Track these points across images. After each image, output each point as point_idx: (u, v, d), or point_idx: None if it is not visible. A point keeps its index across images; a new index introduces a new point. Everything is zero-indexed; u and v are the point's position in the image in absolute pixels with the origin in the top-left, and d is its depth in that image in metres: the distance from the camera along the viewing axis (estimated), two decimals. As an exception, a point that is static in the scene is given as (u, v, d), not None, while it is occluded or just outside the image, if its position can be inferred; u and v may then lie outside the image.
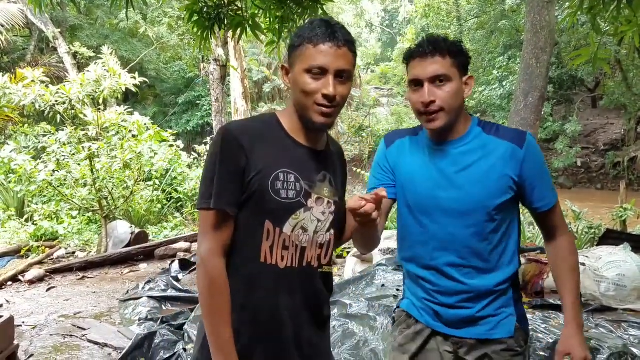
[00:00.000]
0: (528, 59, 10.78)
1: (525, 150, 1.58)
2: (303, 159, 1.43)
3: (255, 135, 1.38)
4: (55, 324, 4.41)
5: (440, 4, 24.06)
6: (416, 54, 1.57)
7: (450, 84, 1.54)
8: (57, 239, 7.66)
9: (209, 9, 4.15)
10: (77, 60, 14.84)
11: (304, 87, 1.35)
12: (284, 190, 1.36)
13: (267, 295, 1.39)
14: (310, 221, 1.41)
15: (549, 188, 1.65)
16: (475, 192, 1.57)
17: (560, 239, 1.68)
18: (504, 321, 1.63)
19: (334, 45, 1.34)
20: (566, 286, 1.64)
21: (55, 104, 6.91)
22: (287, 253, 1.39)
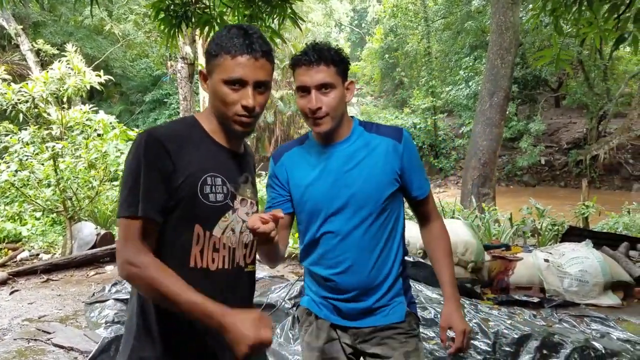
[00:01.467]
0: (493, 59, 10.98)
1: (403, 145, 1.74)
2: (227, 161, 1.44)
3: (181, 140, 1.35)
4: (19, 328, 4.30)
5: (408, 5, 24.31)
6: (303, 62, 1.64)
7: (334, 91, 1.65)
8: (21, 240, 7.47)
9: (175, 7, 4.09)
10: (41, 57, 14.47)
11: (224, 98, 1.36)
12: (213, 194, 1.36)
13: None
14: (237, 222, 1.42)
15: (424, 179, 1.81)
16: (367, 186, 1.69)
17: (434, 224, 1.84)
18: (396, 308, 1.75)
19: (251, 57, 1.34)
20: (443, 265, 1.78)
21: (18, 102, 6.73)
22: (217, 255, 1.38)
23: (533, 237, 6.91)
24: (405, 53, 25.07)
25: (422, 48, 23.67)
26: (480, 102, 11.37)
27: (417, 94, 22.72)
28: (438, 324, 3.22)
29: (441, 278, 1.78)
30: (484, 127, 10.90)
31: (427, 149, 21.44)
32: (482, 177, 10.77)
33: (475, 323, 3.28)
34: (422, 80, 23.06)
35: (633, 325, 4.05)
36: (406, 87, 26.14)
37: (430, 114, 21.78)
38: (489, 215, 7.26)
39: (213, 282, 1.37)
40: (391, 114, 24.21)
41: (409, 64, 25.86)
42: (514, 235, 6.75)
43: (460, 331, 1.70)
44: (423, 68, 23.67)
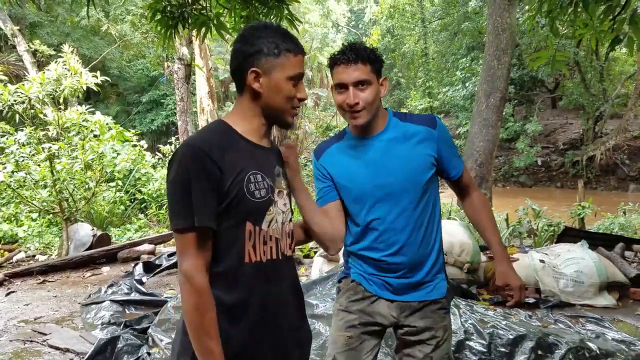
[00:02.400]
0: (490, 60, 10.98)
1: (438, 131, 1.87)
2: (262, 158, 1.53)
3: (221, 145, 1.42)
4: (15, 330, 4.29)
5: (405, 6, 24.34)
6: (341, 61, 1.79)
7: (370, 88, 1.79)
8: (17, 242, 7.45)
9: (172, 8, 4.10)
10: (37, 58, 14.44)
11: (289, 93, 1.50)
12: (257, 191, 1.45)
13: (254, 291, 1.44)
14: (278, 214, 1.52)
15: (458, 157, 1.96)
16: (407, 172, 1.82)
17: (474, 194, 2.00)
18: (439, 284, 1.90)
19: (303, 57, 1.54)
20: (489, 229, 1.94)
21: (14, 103, 6.71)
22: (267, 247, 1.47)
23: (529, 238, 6.92)
24: (402, 54, 25.10)
25: (419, 49, 23.72)
26: (476, 103, 11.37)
27: (414, 95, 22.76)
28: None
29: (491, 241, 1.91)
30: (480, 127, 10.90)
31: (424, 150, 21.50)
32: (479, 178, 10.76)
33: (471, 324, 3.29)
34: (419, 81, 23.11)
35: (628, 326, 4.06)
36: (403, 88, 26.17)
37: (427, 115, 21.81)
38: (485, 216, 7.26)
39: (266, 273, 1.47)
40: (388, 114, 24.25)
41: (406, 65, 25.91)
42: (510, 236, 6.76)
43: (517, 287, 1.84)
44: (420, 69, 23.72)
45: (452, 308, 3.42)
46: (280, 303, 1.52)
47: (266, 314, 1.46)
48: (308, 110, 22.39)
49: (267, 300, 1.47)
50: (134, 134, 9.95)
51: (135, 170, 9.61)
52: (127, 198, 9.42)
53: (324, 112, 23.50)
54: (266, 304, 1.46)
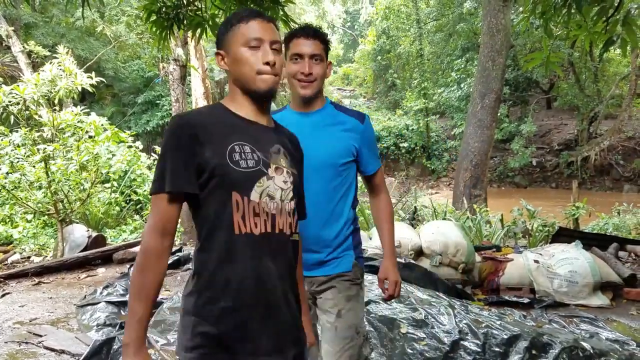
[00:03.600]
0: (484, 61, 11.03)
1: (364, 127, 2.08)
2: (255, 133, 1.51)
3: (206, 120, 1.47)
4: (10, 331, 4.28)
5: (400, 7, 24.38)
6: (301, 34, 1.97)
7: (322, 64, 1.98)
8: (12, 243, 7.43)
9: (167, 9, 4.10)
10: (32, 59, 14.37)
11: (247, 60, 1.47)
12: (243, 161, 1.43)
13: (249, 264, 1.42)
14: (275, 189, 1.47)
15: (376, 157, 2.17)
16: (327, 151, 2.00)
17: (382, 196, 2.20)
18: (345, 259, 2.06)
19: (262, 20, 1.50)
20: (385, 229, 2.16)
21: (9, 104, 6.69)
22: (259, 220, 1.44)
23: (524, 238, 6.96)
24: (397, 55, 25.14)
25: (415, 50, 23.74)
26: (471, 103, 11.42)
27: (410, 96, 22.79)
28: (429, 325, 3.26)
29: (383, 240, 2.16)
30: (475, 128, 10.95)
31: (419, 151, 21.50)
32: (474, 179, 10.82)
33: (466, 324, 3.30)
34: (415, 82, 23.13)
35: (622, 326, 4.09)
36: (399, 89, 26.20)
37: (423, 116, 21.84)
38: (480, 217, 7.30)
39: (260, 246, 1.44)
40: (384, 115, 24.26)
41: (401, 66, 25.95)
42: (505, 237, 6.79)
43: (393, 281, 2.11)
44: (415, 70, 23.74)
45: (447, 308, 3.44)
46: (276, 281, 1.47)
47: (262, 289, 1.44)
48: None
49: (262, 276, 1.44)
50: (129, 135, 9.93)
51: (131, 171, 9.59)
52: (123, 199, 9.40)
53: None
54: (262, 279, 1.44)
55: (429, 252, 4.77)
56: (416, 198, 9.29)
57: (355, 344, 1.99)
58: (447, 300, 3.65)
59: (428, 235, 4.86)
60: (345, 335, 1.97)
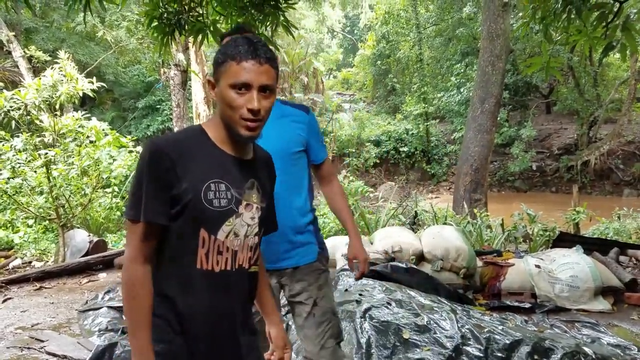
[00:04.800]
0: (484, 66, 11.06)
1: (309, 118, 2.20)
2: (232, 168, 1.50)
3: (184, 149, 1.44)
4: (12, 336, 4.28)
5: (400, 12, 24.44)
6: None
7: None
8: (12, 248, 7.42)
9: (169, 15, 4.12)
10: (33, 64, 14.39)
11: (231, 103, 1.42)
12: (217, 200, 1.43)
13: (203, 299, 1.46)
14: (241, 226, 1.49)
15: (323, 147, 2.28)
16: (281, 142, 2.08)
17: (335, 182, 2.32)
18: (309, 249, 2.17)
19: (256, 62, 1.41)
20: (344, 211, 2.27)
21: (10, 109, 6.72)
22: (221, 258, 1.46)
23: (525, 243, 6.96)
24: (397, 59, 25.19)
25: (414, 55, 23.80)
26: (471, 108, 11.44)
27: (410, 100, 22.83)
28: (431, 330, 3.26)
29: (345, 221, 2.26)
30: (475, 133, 10.97)
31: (419, 155, 21.51)
32: (474, 183, 10.83)
33: (468, 329, 3.31)
34: (414, 87, 23.17)
35: (623, 330, 4.09)
36: (398, 94, 26.24)
37: (423, 120, 21.87)
38: (480, 221, 7.30)
39: (217, 282, 1.47)
40: (384, 120, 24.30)
41: (401, 71, 25.99)
42: (506, 241, 6.80)
43: (363, 259, 2.22)
44: (415, 74, 23.79)
45: (449, 313, 3.44)
46: (225, 316, 1.51)
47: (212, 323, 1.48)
48: (304, 115, 22.41)
49: (212, 310, 1.48)
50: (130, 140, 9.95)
51: (131, 176, 9.60)
52: (123, 204, 9.40)
53: (320, 117, 23.52)
54: (213, 313, 1.48)
55: (430, 257, 4.77)
56: (416, 202, 9.29)
57: (334, 323, 2.16)
58: (449, 305, 3.65)
59: (429, 240, 4.86)
60: (324, 319, 2.13)
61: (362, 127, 22.09)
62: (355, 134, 21.61)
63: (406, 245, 4.78)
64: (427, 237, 4.93)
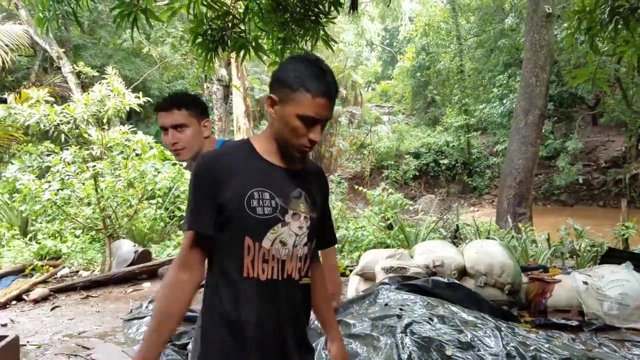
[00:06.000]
0: (528, 77, 10.88)
1: None
2: (277, 178, 1.53)
3: (230, 161, 1.51)
4: (59, 344, 4.41)
5: (440, 23, 24.31)
6: (161, 107, 2.10)
7: (188, 129, 2.10)
8: (60, 257, 7.67)
9: (212, 32, 4.22)
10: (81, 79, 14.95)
11: (296, 131, 1.48)
12: (260, 207, 1.47)
13: (251, 308, 1.49)
14: (289, 235, 1.51)
15: None
16: None
17: None
18: None
19: (328, 101, 1.47)
20: None
21: (60, 123, 6.98)
22: (267, 266, 1.48)
23: (571, 259, 6.74)
24: (437, 71, 25.00)
25: (455, 66, 23.58)
26: (515, 120, 11.25)
27: (450, 112, 22.57)
28: (475, 347, 3.19)
29: None
30: (519, 145, 10.76)
31: (460, 167, 21.19)
32: (518, 197, 10.60)
33: (513, 347, 3.22)
34: (455, 98, 22.92)
35: (678, 352, 3.90)
36: (438, 105, 26.01)
37: (464, 132, 21.57)
38: (525, 236, 7.12)
39: (264, 291, 1.50)
40: (423, 131, 24.11)
41: (441, 82, 25.77)
42: (552, 257, 6.60)
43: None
44: (456, 86, 23.54)
45: (494, 330, 3.36)
46: (277, 326, 1.52)
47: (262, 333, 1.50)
48: (342, 127, 22.48)
49: (261, 320, 1.49)
50: (173, 153, 10.15)
51: (175, 188, 9.80)
52: (167, 215, 9.60)
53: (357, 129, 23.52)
54: (263, 323, 1.50)
55: (473, 272, 4.67)
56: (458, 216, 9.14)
57: None
58: (493, 322, 3.56)
59: (472, 255, 4.77)
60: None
61: (401, 139, 21.95)
62: (394, 146, 21.48)
63: (448, 260, 4.69)
64: (470, 252, 4.83)
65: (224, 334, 1.49)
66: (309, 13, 4.29)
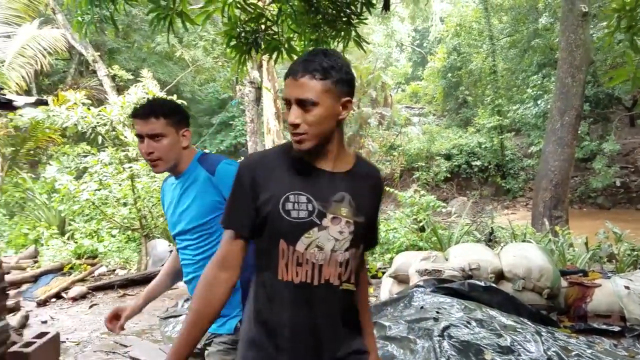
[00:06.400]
0: (563, 77, 10.65)
1: (216, 176, 1.98)
2: (318, 181, 1.50)
3: (269, 163, 1.51)
4: (98, 341, 4.51)
5: (472, 23, 23.99)
6: (137, 115, 1.97)
7: (165, 139, 1.97)
8: (97, 257, 7.83)
9: (246, 34, 4.25)
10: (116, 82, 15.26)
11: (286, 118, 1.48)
12: (295, 211, 1.45)
13: (285, 311, 1.48)
14: (327, 240, 1.46)
15: None
16: (192, 213, 1.99)
17: None
18: (230, 320, 1.99)
19: (292, 78, 1.43)
20: None
21: (97, 125, 7.13)
22: (300, 269, 1.46)
23: (610, 263, 6.56)
24: (469, 72, 24.66)
25: (487, 66, 23.22)
26: (550, 121, 11.02)
27: (482, 113, 22.24)
28: (514, 352, 3.12)
29: None
30: (555, 146, 10.54)
31: (493, 169, 20.85)
32: (554, 199, 10.38)
33: (554, 352, 3.15)
34: (488, 99, 22.56)
35: None
36: (470, 106, 25.66)
37: (497, 133, 21.22)
38: (563, 239, 6.95)
39: (297, 294, 1.47)
40: (454, 133, 23.78)
41: (473, 83, 25.41)
42: (590, 261, 6.43)
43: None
44: (488, 86, 23.17)
45: (534, 335, 3.29)
46: (311, 331, 1.49)
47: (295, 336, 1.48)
48: (371, 129, 22.39)
49: (294, 322, 1.48)
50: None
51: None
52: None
53: (387, 131, 23.38)
54: (295, 326, 1.48)
55: (510, 276, 4.59)
56: (492, 218, 8.99)
57: None
58: (533, 327, 3.49)
59: (509, 258, 4.68)
60: None
61: (432, 141, 21.71)
62: (424, 148, 21.27)
63: (484, 263, 4.62)
64: (507, 255, 4.75)
65: (259, 333, 1.50)
66: (340, 14, 4.28)
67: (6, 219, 10.77)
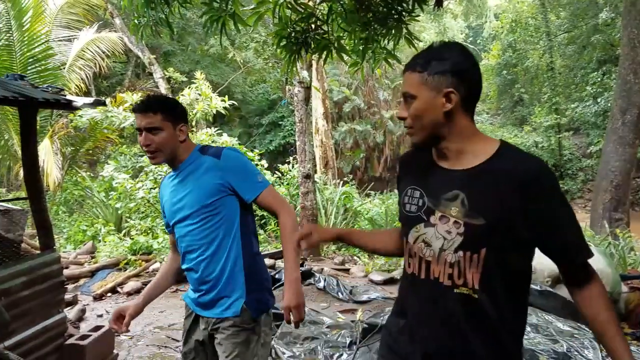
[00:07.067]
0: (625, 74, 10.20)
1: (222, 160, 2.09)
2: (433, 177, 1.50)
3: (410, 160, 1.64)
4: (150, 335, 4.63)
5: (528, 19, 23.27)
6: (136, 109, 2.10)
7: (162, 132, 2.08)
8: (152, 253, 8.06)
9: (296, 34, 4.27)
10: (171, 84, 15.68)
11: None
12: (409, 205, 1.52)
13: (402, 296, 1.60)
14: (434, 237, 1.42)
15: (254, 182, 2.10)
16: (193, 197, 2.09)
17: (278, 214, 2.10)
18: (234, 303, 2.06)
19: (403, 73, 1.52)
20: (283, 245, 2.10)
21: (153, 126, 7.34)
22: (412, 260, 1.51)
23: (677, 268, 6.21)
24: (525, 69, 23.94)
25: (544, 63, 22.47)
26: (611, 119, 10.57)
27: (539, 111, 21.56)
28: (571, 358, 2.99)
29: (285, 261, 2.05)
30: (616, 146, 10.09)
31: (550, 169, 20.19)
32: (615, 201, 9.94)
33: None
34: (545, 97, 21.85)
35: None
36: (526, 104, 24.91)
37: (554, 132, 20.52)
38: (623, 243, 6.64)
39: (412, 283, 1.53)
40: (509, 132, 23.14)
41: (529, 80, 24.65)
42: (655, 266, 6.11)
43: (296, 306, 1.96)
44: (545, 84, 22.42)
45: (592, 341, 3.15)
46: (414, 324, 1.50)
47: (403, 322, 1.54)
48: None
49: (406, 311, 1.54)
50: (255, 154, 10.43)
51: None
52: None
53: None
54: (405, 314, 1.54)
55: (566, 280, 4.41)
56: (548, 220, 8.68)
57: None
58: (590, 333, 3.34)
59: (565, 261, 4.50)
60: None
61: (486, 140, 21.21)
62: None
63: (540, 266, 4.46)
64: (563, 258, 4.57)
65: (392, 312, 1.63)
66: (392, 12, 4.23)
67: (66, 215, 11.27)
